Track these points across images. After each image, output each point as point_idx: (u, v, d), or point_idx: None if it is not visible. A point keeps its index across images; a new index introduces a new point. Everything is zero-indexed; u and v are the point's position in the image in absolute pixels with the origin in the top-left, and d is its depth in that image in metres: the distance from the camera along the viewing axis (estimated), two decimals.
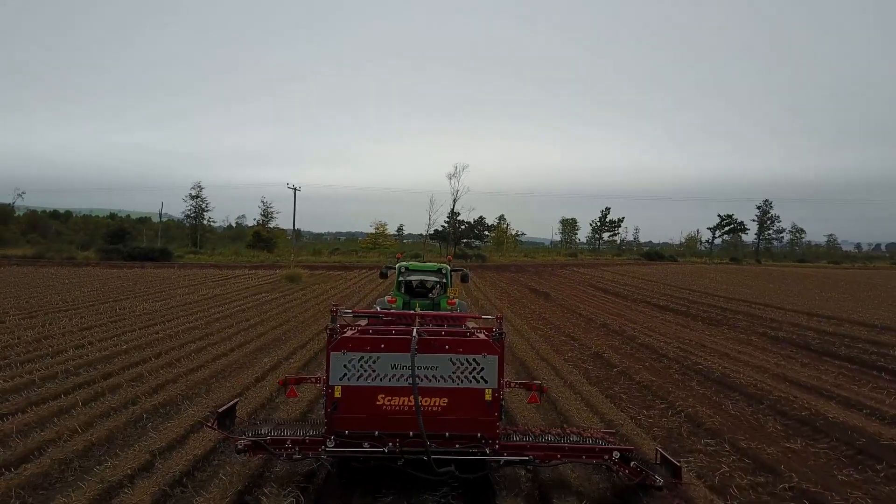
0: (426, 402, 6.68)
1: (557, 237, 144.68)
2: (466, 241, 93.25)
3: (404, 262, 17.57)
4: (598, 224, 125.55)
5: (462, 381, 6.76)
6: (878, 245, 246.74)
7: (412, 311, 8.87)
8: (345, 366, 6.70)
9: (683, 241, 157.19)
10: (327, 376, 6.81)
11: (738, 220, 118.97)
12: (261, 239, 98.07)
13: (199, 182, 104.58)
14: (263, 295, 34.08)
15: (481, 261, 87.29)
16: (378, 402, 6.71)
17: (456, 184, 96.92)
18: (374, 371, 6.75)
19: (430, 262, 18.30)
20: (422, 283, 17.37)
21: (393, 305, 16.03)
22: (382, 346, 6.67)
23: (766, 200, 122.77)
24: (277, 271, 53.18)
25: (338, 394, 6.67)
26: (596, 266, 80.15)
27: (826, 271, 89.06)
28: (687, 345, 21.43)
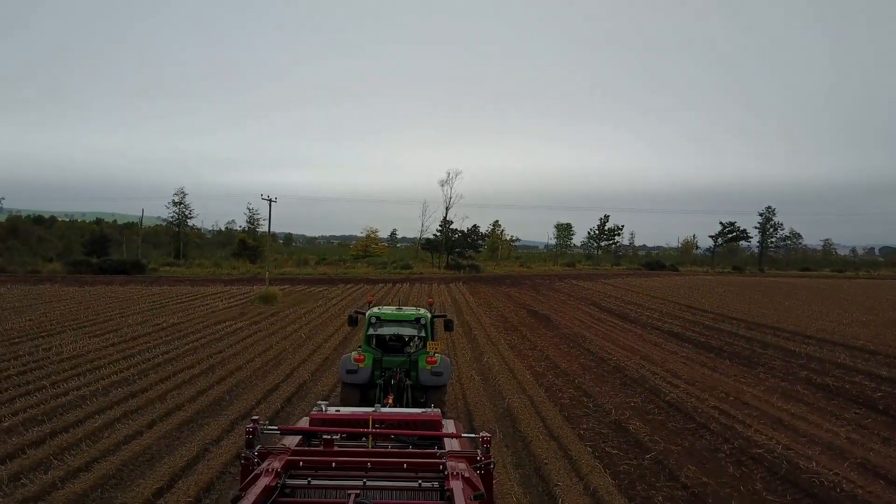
0: None
1: (553, 241, 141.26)
2: (460, 250, 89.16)
3: (376, 310, 14.03)
4: (597, 232, 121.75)
5: None
6: (871, 249, 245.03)
7: (363, 430, 6.08)
8: None
9: (680, 245, 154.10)
10: None
11: (741, 228, 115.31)
12: (246, 247, 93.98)
13: (182, 188, 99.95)
14: (227, 324, 30.00)
15: (475, 271, 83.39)
16: None
17: (448, 191, 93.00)
18: None
19: (406, 310, 14.52)
20: (397, 336, 14.01)
21: (361, 364, 12.99)
22: None
23: (769, 207, 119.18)
24: (255, 287, 49.15)
25: None
26: (595, 278, 76.30)
27: (834, 282, 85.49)
28: (725, 401, 17.54)
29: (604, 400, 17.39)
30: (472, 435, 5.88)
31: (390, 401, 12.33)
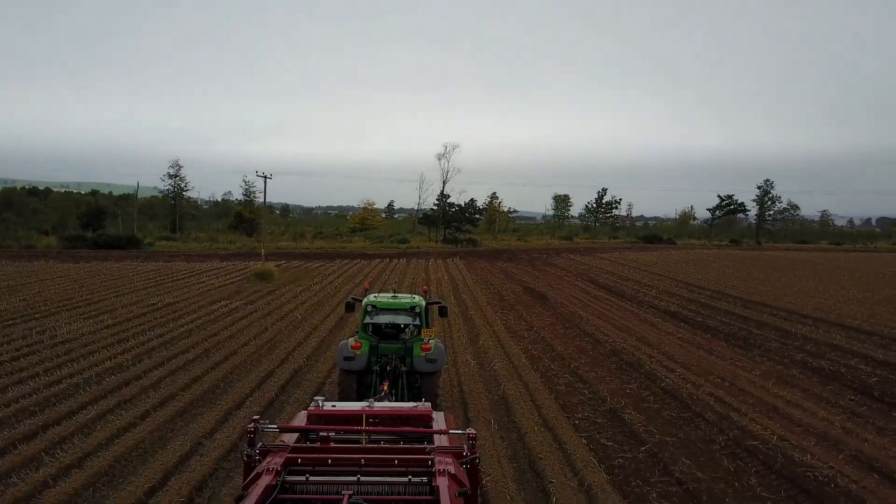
0: None
1: (550, 212, 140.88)
2: (457, 224, 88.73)
3: (372, 298, 14.32)
4: (595, 206, 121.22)
5: None
6: (868, 220, 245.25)
7: (356, 428, 6.54)
8: None
9: (677, 216, 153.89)
10: None
11: (739, 201, 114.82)
12: (243, 220, 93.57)
13: (178, 160, 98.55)
14: (223, 303, 29.89)
15: (472, 245, 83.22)
16: None
17: (446, 164, 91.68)
18: None
19: (402, 297, 14.57)
20: (392, 324, 14.21)
21: (358, 351, 13.27)
22: None
23: (767, 180, 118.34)
24: (251, 263, 48.98)
25: None
26: (593, 252, 76.10)
27: (830, 256, 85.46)
28: (720, 387, 17.52)
29: (599, 386, 17.35)
30: (459, 431, 6.08)
31: (385, 387, 12.53)
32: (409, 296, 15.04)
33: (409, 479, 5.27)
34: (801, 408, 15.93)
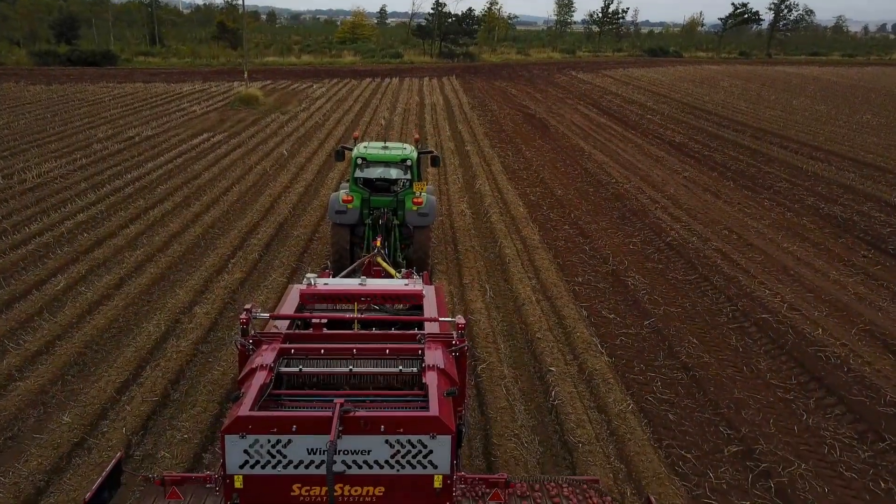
0: (355, 492, 5.08)
1: (553, 17, 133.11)
2: (453, 37, 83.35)
3: (362, 150, 13.64)
4: (600, 17, 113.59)
5: (404, 468, 5.01)
6: (883, 25, 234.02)
7: (349, 316, 6.69)
8: (246, 451, 4.90)
9: (685, 22, 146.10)
10: (223, 463, 4.98)
11: (754, 10, 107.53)
12: (225, 30, 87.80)
13: None
14: (205, 137, 28.21)
15: (469, 60, 78.99)
16: (294, 493, 5.07)
17: None
18: (285, 458, 4.93)
19: (392, 148, 13.57)
20: (383, 178, 13.75)
21: (349, 205, 13.02)
22: (294, 427, 4.85)
23: None
24: (235, 84, 46.27)
25: (239, 484, 5.03)
26: (596, 69, 72.17)
27: (844, 71, 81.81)
28: (728, 241, 16.74)
29: (601, 242, 16.48)
30: (449, 319, 6.15)
31: (378, 243, 12.32)
32: (401, 146, 14.13)
33: (400, 369, 5.51)
34: (813, 267, 15.19)
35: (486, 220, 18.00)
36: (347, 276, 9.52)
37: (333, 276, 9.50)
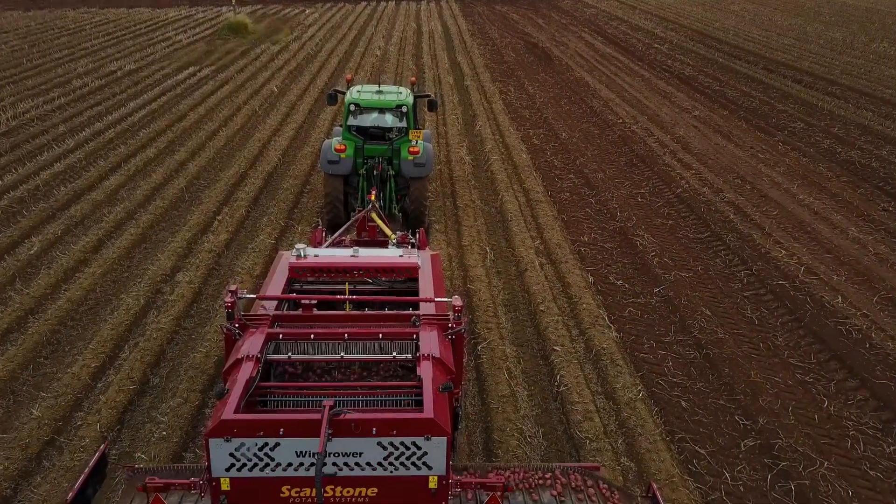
0: (347, 493, 4.87)
1: None
2: None
3: (355, 95, 12.86)
4: None
5: (397, 469, 4.78)
6: None
7: (341, 297, 6.39)
8: (231, 454, 4.60)
9: None
10: (208, 466, 4.67)
11: None
12: None
13: None
14: (190, 72, 26.80)
15: None
16: (283, 495, 4.82)
17: None
18: (273, 460, 4.67)
19: (387, 92, 12.97)
20: (377, 126, 13.04)
21: (342, 154, 12.44)
22: (281, 430, 4.56)
23: None
24: (223, 9, 44.10)
25: (226, 486, 4.77)
26: None
27: None
28: (741, 191, 15.95)
29: (607, 194, 15.64)
30: (446, 299, 5.93)
31: (373, 197, 11.71)
32: (396, 90, 13.26)
33: (394, 355, 5.37)
34: (830, 223, 14.41)
35: (486, 168, 17.08)
36: (343, 233, 9.12)
37: (326, 234, 9.16)
